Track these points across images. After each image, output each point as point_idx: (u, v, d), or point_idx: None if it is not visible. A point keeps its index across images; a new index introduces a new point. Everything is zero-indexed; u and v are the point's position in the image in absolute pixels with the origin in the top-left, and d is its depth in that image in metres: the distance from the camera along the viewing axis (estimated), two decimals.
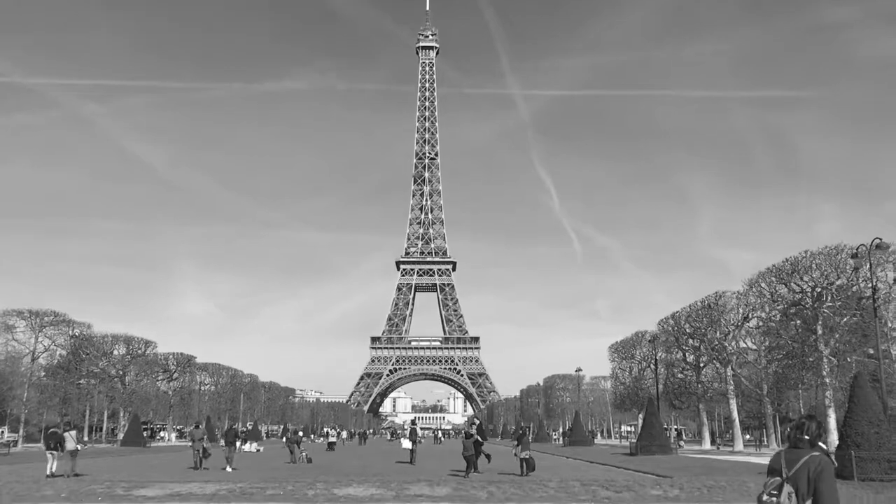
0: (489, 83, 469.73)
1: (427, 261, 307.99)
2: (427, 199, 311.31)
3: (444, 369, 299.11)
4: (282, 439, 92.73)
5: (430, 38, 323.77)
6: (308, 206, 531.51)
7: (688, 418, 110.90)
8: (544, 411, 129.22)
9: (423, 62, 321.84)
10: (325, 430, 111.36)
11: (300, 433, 49.43)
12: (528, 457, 30.49)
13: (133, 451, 60.12)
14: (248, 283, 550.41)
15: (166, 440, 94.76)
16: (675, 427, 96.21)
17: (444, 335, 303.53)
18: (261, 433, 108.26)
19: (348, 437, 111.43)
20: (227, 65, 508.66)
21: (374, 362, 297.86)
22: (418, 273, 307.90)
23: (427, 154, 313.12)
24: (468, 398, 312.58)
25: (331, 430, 78.82)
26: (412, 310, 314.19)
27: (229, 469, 33.41)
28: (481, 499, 21.28)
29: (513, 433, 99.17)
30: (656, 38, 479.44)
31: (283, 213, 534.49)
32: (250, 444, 65.77)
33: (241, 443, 66.32)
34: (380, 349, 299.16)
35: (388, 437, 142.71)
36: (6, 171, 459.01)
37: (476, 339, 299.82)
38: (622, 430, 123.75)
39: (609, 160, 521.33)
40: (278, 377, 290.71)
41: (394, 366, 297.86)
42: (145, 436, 75.83)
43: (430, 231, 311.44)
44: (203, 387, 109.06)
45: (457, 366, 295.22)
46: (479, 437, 32.32)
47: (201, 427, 39.86)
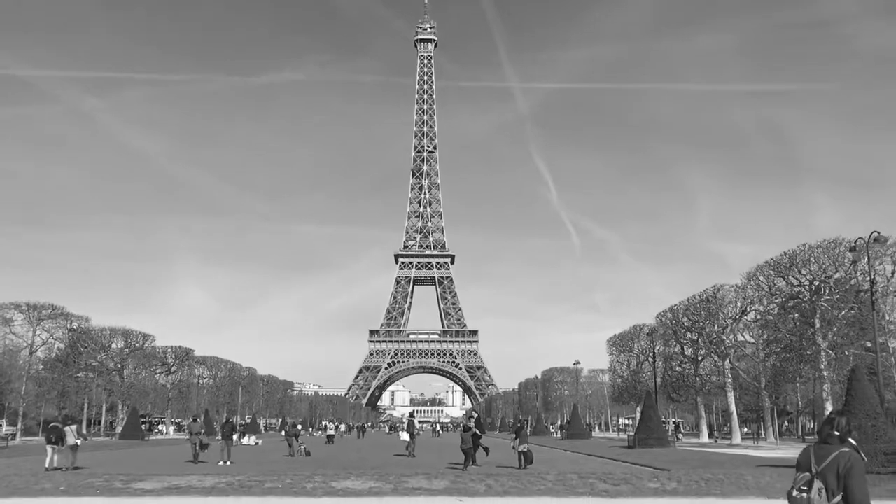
0: (487, 76, 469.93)
1: (425, 254, 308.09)
2: (425, 192, 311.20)
3: (443, 362, 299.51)
4: (280, 433, 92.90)
5: (429, 30, 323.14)
6: (307, 200, 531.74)
7: (686, 411, 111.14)
8: (542, 404, 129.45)
9: (422, 55, 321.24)
10: (324, 423, 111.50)
11: (298, 426, 49.46)
12: (526, 450, 30.52)
13: (131, 444, 60.16)
14: (247, 276, 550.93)
15: (164, 433, 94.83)
16: (673, 420, 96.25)
17: (443, 328, 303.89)
18: (259, 426, 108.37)
19: (346, 431, 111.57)
20: (225, 57, 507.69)
21: (372, 355, 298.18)
22: (417, 266, 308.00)
23: (425, 147, 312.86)
24: (466, 391, 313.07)
25: (329, 424, 78.80)
26: (411, 303, 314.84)
27: (225, 463, 33.41)
28: (479, 492, 21.30)
29: (511, 426, 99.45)
30: (655, 30, 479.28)
31: (281, 207, 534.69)
32: (249, 437, 65.82)
33: (238, 436, 66.48)
34: (378, 342, 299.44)
35: (387, 430, 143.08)
36: (4, 164, 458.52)
37: (474, 333, 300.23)
38: (620, 423, 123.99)
39: (607, 153, 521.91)
40: (277, 370, 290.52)
41: (392, 359, 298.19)
42: (144, 429, 75.88)
43: (429, 224, 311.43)
44: (201, 380, 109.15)
45: (455, 359, 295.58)
46: (478, 431, 32.34)
47: (199, 420, 39.92)
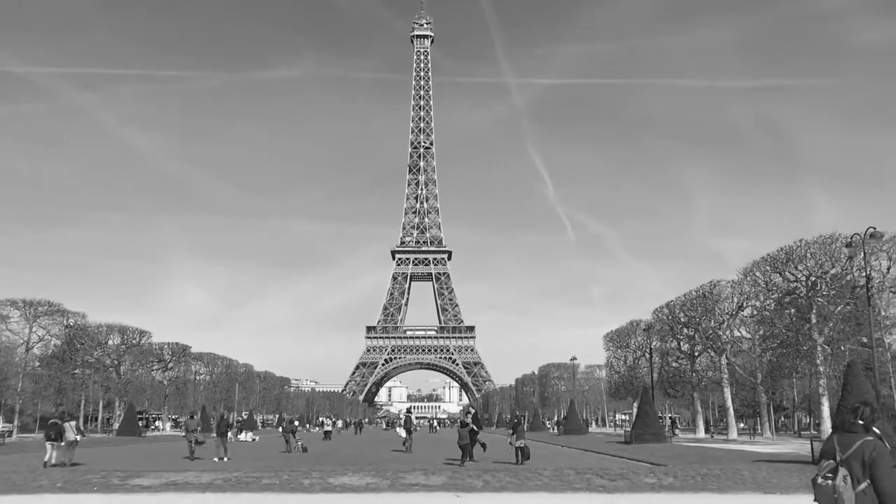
0: (484, 72, 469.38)
1: (422, 250, 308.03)
2: (422, 188, 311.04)
3: (440, 358, 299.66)
4: (277, 429, 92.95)
5: (425, 26, 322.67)
6: (303, 197, 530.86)
7: (682, 407, 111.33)
8: (539, 400, 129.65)
9: (418, 51, 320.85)
10: (321, 419, 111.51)
11: (296, 423, 49.50)
12: (523, 445, 30.58)
13: (128, 440, 60.19)
14: (244, 273, 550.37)
15: (160, 430, 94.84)
16: (670, 416, 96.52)
17: (440, 324, 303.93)
18: (256, 423, 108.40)
19: (343, 427, 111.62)
20: (222, 54, 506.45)
21: (369, 352, 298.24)
22: (414, 262, 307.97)
23: (422, 143, 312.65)
24: (463, 387, 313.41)
25: (326, 420, 78.87)
26: (407, 299, 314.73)
27: (221, 459, 33.43)
28: (477, 487, 21.33)
29: (508, 422, 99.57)
30: (652, 26, 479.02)
31: (278, 203, 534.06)
32: (246, 433, 65.90)
33: (235, 432, 66.50)
34: (375, 339, 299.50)
35: (384, 426, 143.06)
36: (0, 162, 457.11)
37: (471, 329, 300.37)
38: (617, 418, 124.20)
39: (604, 149, 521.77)
40: (274, 367, 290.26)
41: (389, 355, 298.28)
42: (140, 426, 75.86)
43: (426, 220, 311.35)
44: (198, 376, 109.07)
45: (452, 355, 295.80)
46: (475, 426, 32.40)
47: (196, 417, 39.96)
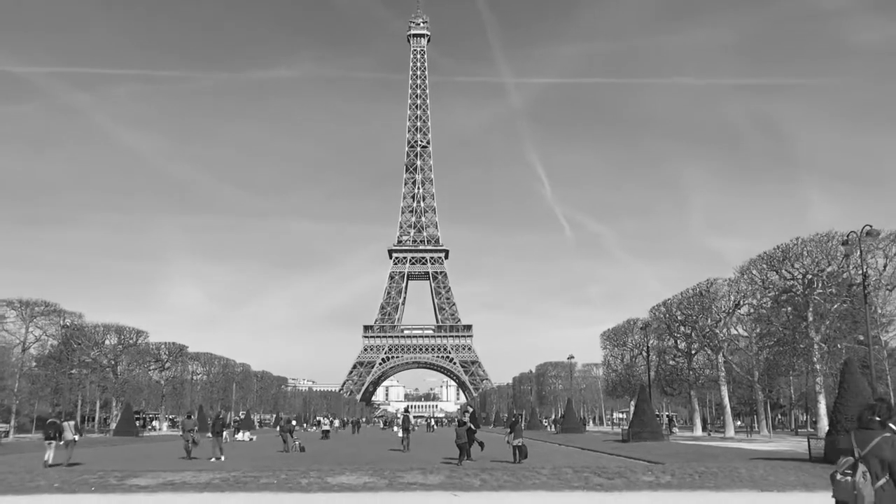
0: (481, 71, 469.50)
1: (419, 249, 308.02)
2: (419, 187, 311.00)
3: (437, 357, 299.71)
4: (275, 428, 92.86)
5: (422, 25, 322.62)
6: (300, 196, 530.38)
7: (679, 405, 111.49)
8: (537, 399, 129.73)
9: (415, 50, 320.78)
10: (318, 418, 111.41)
11: (293, 422, 49.47)
12: (520, 444, 30.59)
13: (126, 440, 60.10)
14: (241, 272, 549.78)
15: (157, 430, 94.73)
16: (667, 414, 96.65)
17: (437, 323, 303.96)
18: (253, 422, 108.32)
19: (340, 426, 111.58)
20: (218, 54, 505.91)
21: (366, 351, 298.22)
22: (411, 261, 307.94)
23: (419, 142, 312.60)
24: (461, 386, 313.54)
25: (324, 420, 78.83)
26: (405, 298, 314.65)
27: (216, 459, 33.41)
28: (475, 486, 21.35)
29: (505, 421, 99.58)
30: (649, 25, 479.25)
31: (275, 203, 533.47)
32: (243, 433, 65.84)
33: (233, 432, 66.41)
34: (372, 338, 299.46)
35: (381, 425, 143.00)
36: None
37: (468, 328, 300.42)
38: (614, 416, 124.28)
39: (601, 148, 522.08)
40: (271, 366, 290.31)
41: (386, 354, 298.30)
42: (138, 425, 75.78)
43: (423, 219, 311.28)
44: (195, 376, 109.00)
45: (449, 354, 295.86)
46: (472, 425, 32.39)
47: (193, 417, 39.91)
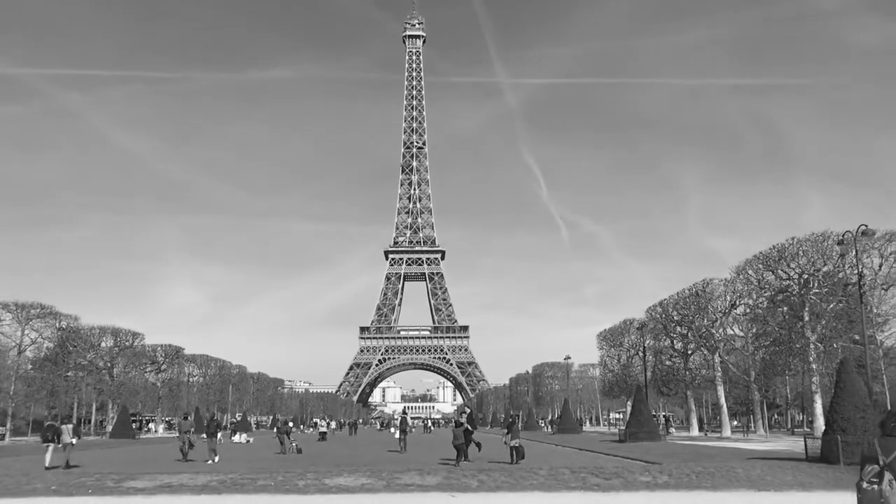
0: (476, 72, 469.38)
1: (415, 250, 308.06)
2: (415, 188, 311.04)
3: (434, 358, 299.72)
4: (272, 430, 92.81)
5: (417, 26, 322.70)
6: (295, 197, 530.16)
7: (676, 405, 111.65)
8: (533, 399, 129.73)
9: (410, 51, 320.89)
10: (315, 420, 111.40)
11: (290, 424, 49.42)
12: (517, 445, 30.60)
13: (122, 442, 59.96)
14: (237, 274, 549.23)
15: (153, 431, 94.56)
16: (664, 414, 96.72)
17: (433, 324, 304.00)
18: (250, 424, 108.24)
19: (337, 428, 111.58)
20: (213, 55, 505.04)
21: (363, 352, 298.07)
22: (407, 262, 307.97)
23: (415, 143, 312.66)
24: (457, 387, 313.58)
25: (321, 421, 78.77)
26: (401, 299, 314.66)
27: (211, 461, 33.35)
28: (472, 487, 21.36)
29: (502, 421, 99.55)
30: (645, 26, 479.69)
31: (270, 204, 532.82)
32: (240, 434, 65.75)
33: (229, 434, 66.32)
34: (369, 339, 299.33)
35: (378, 426, 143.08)
36: None
37: (465, 328, 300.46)
38: (611, 417, 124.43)
39: (597, 148, 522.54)
40: (267, 368, 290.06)
41: (383, 356, 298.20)
42: (134, 428, 75.63)
43: (419, 220, 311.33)
44: (191, 378, 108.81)
45: (446, 355, 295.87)
46: (469, 426, 32.39)
47: (189, 419, 39.87)
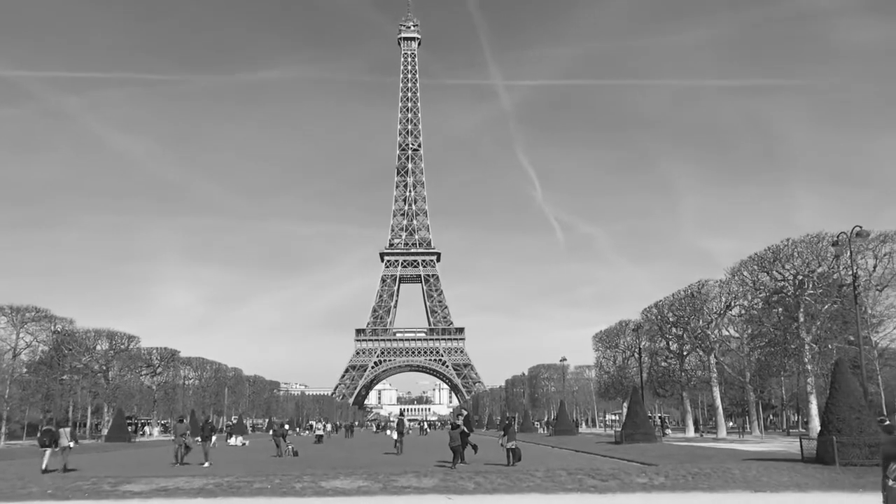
0: (471, 74, 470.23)
1: (411, 252, 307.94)
2: (410, 190, 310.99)
3: (430, 360, 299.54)
4: (268, 433, 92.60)
5: (412, 28, 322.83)
6: (292, 199, 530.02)
7: (671, 406, 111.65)
8: (529, 401, 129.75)
9: (405, 53, 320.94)
10: (311, 423, 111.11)
11: (286, 426, 49.36)
12: (514, 447, 30.63)
13: (118, 446, 59.79)
14: (232, 276, 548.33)
15: (147, 435, 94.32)
16: (659, 415, 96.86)
17: (429, 326, 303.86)
18: (246, 427, 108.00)
19: (333, 430, 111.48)
20: (209, 56, 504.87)
21: (358, 354, 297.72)
22: (402, 264, 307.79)
23: (410, 145, 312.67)
24: (453, 389, 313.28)
25: (317, 424, 78.68)
26: (397, 301, 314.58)
27: (206, 464, 33.30)
28: (469, 489, 21.37)
29: (498, 423, 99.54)
30: (639, 27, 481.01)
31: (266, 206, 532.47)
32: (236, 437, 65.61)
33: (225, 436, 66.15)
34: (365, 341, 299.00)
35: (374, 429, 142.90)
36: None
37: (461, 330, 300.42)
38: (607, 418, 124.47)
39: (592, 150, 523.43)
40: (263, 371, 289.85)
41: (379, 358, 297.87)
42: (130, 431, 75.38)
43: (414, 222, 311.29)
44: (187, 381, 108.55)
45: (442, 357, 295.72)
46: (466, 428, 32.39)
47: (185, 422, 39.73)
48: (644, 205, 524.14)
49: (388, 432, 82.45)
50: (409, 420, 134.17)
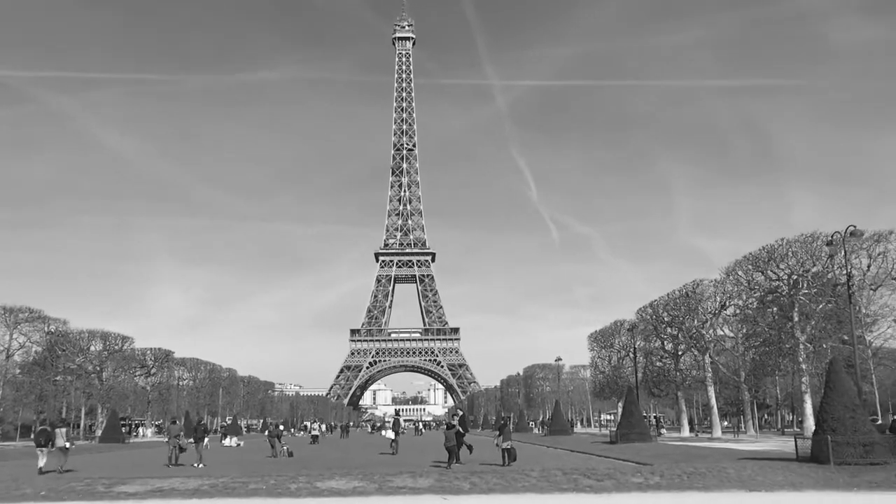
0: (466, 74, 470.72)
1: (406, 252, 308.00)
2: (405, 190, 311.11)
3: (424, 361, 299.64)
4: (262, 433, 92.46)
5: (407, 28, 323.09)
6: (286, 199, 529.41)
7: (667, 406, 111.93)
8: (524, 401, 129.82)
9: (400, 53, 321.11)
10: (305, 423, 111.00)
11: (281, 427, 49.24)
12: (509, 447, 30.62)
13: (112, 447, 59.57)
14: (226, 276, 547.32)
15: (141, 436, 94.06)
16: (655, 415, 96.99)
17: (424, 326, 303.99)
18: (241, 428, 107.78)
19: (328, 430, 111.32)
20: (203, 57, 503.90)
21: (353, 355, 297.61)
22: (397, 264, 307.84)
23: (405, 145, 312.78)
24: (448, 389, 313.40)
25: (313, 425, 78.49)
26: (391, 301, 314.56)
27: (199, 465, 33.21)
28: (464, 489, 21.34)
29: (494, 423, 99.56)
30: (635, 28, 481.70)
31: (260, 206, 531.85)
32: (230, 438, 65.44)
33: (219, 437, 66.00)
34: (359, 342, 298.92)
35: (369, 429, 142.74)
36: None
37: (456, 330, 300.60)
38: (602, 418, 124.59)
39: (587, 150, 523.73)
40: (257, 371, 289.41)
41: (374, 358, 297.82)
42: (124, 432, 75.18)
43: (409, 222, 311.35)
44: (181, 382, 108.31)
45: (437, 357, 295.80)
46: (461, 428, 32.36)
47: (178, 423, 39.61)
48: (640, 205, 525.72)
49: (385, 433, 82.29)
50: (404, 420, 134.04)
